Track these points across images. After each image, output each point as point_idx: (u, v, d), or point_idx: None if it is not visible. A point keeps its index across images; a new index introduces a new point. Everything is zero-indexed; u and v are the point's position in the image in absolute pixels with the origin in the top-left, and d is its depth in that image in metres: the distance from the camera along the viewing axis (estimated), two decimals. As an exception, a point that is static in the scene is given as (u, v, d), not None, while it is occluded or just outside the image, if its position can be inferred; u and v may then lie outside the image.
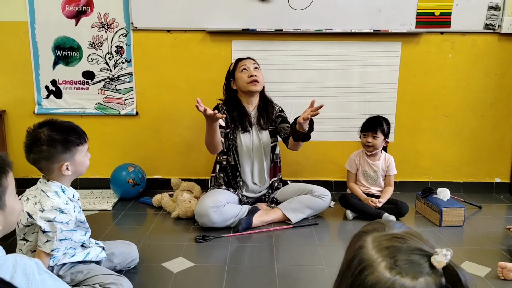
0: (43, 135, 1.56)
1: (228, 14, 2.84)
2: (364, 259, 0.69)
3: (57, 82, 2.98)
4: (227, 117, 2.53)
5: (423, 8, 2.83)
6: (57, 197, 1.61)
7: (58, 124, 1.62)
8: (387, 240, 0.70)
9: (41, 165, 1.60)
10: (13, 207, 1.12)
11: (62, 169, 1.60)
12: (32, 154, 1.58)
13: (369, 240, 0.72)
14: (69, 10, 2.87)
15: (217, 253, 2.13)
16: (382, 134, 2.56)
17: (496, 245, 2.22)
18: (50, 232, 1.57)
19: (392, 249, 0.68)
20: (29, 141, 1.58)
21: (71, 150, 1.61)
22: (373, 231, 0.74)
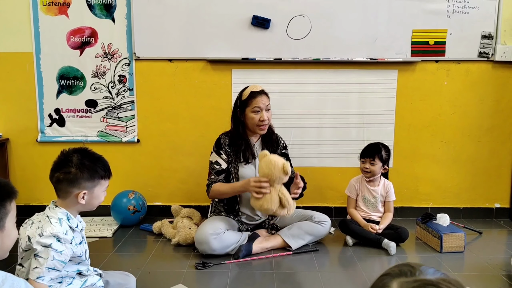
0: (75, 158, 1.61)
1: (228, 43, 2.92)
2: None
3: (61, 110, 3.04)
4: (227, 151, 2.53)
5: (417, 38, 2.91)
6: (59, 225, 1.62)
7: (91, 153, 1.68)
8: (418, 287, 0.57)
9: (61, 186, 1.62)
10: (10, 232, 1.18)
11: (79, 197, 1.62)
12: (58, 173, 1.61)
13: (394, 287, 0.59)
14: (74, 41, 2.96)
15: (217, 280, 2.12)
16: (380, 160, 2.59)
17: (497, 271, 2.21)
18: (41, 258, 1.56)
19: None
20: (60, 160, 1.63)
21: (95, 180, 1.64)
22: (400, 275, 0.61)
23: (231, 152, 2.51)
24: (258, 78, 2.94)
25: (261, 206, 2.28)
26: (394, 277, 0.61)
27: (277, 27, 2.89)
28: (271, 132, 2.63)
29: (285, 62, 2.95)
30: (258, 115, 2.47)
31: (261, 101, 2.47)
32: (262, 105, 2.46)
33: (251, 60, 2.92)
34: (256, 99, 2.47)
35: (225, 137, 2.55)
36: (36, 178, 3.09)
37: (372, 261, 2.36)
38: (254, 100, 2.47)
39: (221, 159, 2.50)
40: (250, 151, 2.53)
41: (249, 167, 2.53)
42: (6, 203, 1.16)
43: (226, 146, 2.52)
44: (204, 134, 3.01)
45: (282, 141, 2.69)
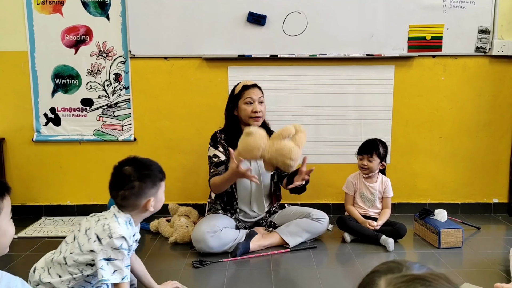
0: (132, 172, 1.61)
1: (224, 40, 2.90)
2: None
3: (56, 109, 3.02)
4: (224, 145, 2.52)
5: (414, 33, 2.90)
6: (125, 227, 1.63)
7: (141, 161, 1.69)
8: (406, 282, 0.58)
9: (129, 202, 1.63)
10: (5, 230, 1.15)
11: (148, 205, 1.64)
12: (122, 191, 1.61)
13: (382, 283, 0.59)
14: (69, 39, 2.94)
15: (215, 278, 2.12)
16: (378, 157, 2.58)
17: (495, 266, 2.21)
18: (117, 260, 1.58)
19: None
20: (119, 179, 1.63)
21: (157, 185, 1.67)
22: (388, 271, 0.62)
23: (227, 146, 2.50)
24: (255, 75, 2.93)
25: None
26: (382, 274, 0.61)
27: (273, 23, 2.87)
28: (266, 128, 2.61)
29: (281, 59, 2.94)
30: (250, 107, 2.46)
31: (254, 93, 2.47)
32: (255, 96, 2.47)
33: (247, 57, 2.91)
34: (248, 90, 2.48)
35: (221, 133, 2.55)
36: (32, 177, 3.07)
37: (370, 258, 2.35)
38: (246, 91, 2.48)
39: (219, 152, 2.50)
40: None
41: (245, 163, 2.51)
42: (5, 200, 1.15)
43: (222, 140, 2.52)
44: (201, 131, 2.99)
45: None
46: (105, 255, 1.57)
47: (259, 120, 2.50)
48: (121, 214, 1.65)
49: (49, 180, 3.07)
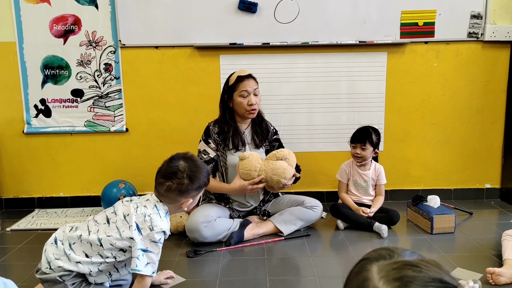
0: (185, 166, 1.67)
1: (215, 29, 2.87)
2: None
3: (46, 101, 2.98)
4: (216, 140, 2.51)
5: (406, 19, 2.88)
6: (166, 221, 1.68)
7: (196, 161, 1.74)
8: (398, 269, 0.58)
9: (172, 195, 1.68)
10: None
11: (184, 205, 1.71)
12: (170, 183, 1.66)
13: (374, 270, 0.60)
14: (57, 29, 2.89)
15: (209, 267, 2.12)
16: (371, 145, 2.58)
17: (487, 251, 2.22)
18: (152, 253, 1.63)
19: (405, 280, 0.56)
20: (173, 170, 1.67)
21: (200, 189, 1.74)
22: (379, 258, 0.62)
23: (220, 140, 2.49)
24: (247, 63, 2.90)
25: None
26: (373, 261, 0.61)
27: (265, 11, 2.84)
28: (261, 119, 2.60)
29: (273, 47, 2.91)
30: (246, 99, 2.44)
31: (249, 85, 2.44)
32: (250, 88, 2.43)
33: (239, 45, 2.88)
34: (243, 82, 2.44)
35: (214, 125, 2.52)
36: (24, 170, 3.04)
37: (364, 245, 2.36)
38: (241, 84, 2.44)
39: (209, 148, 2.49)
40: (240, 138, 2.50)
41: (238, 155, 2.50)
42: None
43: (215, 134, 2.50)
44: (193, 121, 2.97)
45: (271, 127, 2.66)
46: (143, 245, 1.61)
47: (254, 112, 2.48)
48: (161, 206, 1.69)
49: (41, 172, 3.05)
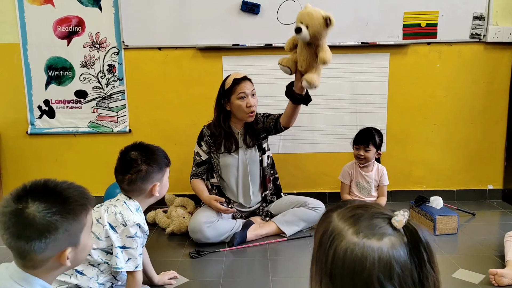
0: (139, 156, 1.64)
1: (218, 30, 2.88)
2: (332, 231, 0.74)
3: (50, 102, 3.00)
4: (208, 142, 2.52)
5: (409, 20, 2.88)
6: (139, 214, 1.66)
7: (148, 146, 1.72)
8: (350, 210, 0.77)
9: (135, 186, 1.65)
10: (85, 244, 1.10)
11: (154, 190, 1.67)
12: (129, 175, 1.64)
13: (334, 216, 0.77)
14: (61, 30, 2.91)
15: (212, 268, 2.13)
16: (374, 146, 2.58)
17: (490, 252, 2.23)
18: (131, 248, 1.60)
19: (356, 216, 0.75)
20: (126, 162, 1.65)
21: (163, 170, 1.70)
22: (337, 208, 0.79)
23: (212, 142, 2.50)
24: (249, 64, 2.91)
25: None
26: (333, 210, 0.79)
27: (267, 12, 2.85)
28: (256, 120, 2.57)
29: (276, 48, 2.91)
30: (244, 101, 2.44)
31: (246, 87, 2.44)
32: (247, 90, 2.44)
33: (242, 46, 2.89)
34: (240, 85, 2.44)
35: (207, 128, 2.55)
36: (28, 170, 3.06)
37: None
38: (238, 86, 2.44)
39: (201, 151, 2.53)
40: (234, 141, 2.51)
41: (232, 156, 2.51)
42: (82, 216, 1.06)
43: (207, 137, 2.52)
44: (196, 122, 2.98)
45: (259, 115, 2.60)
46: (121, 243, 1.60)
47: (253, 115, 2.48)
48: (131, 202, 1.67)
49: (45, 173, 3.06)
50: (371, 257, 0.68)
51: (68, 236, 1.02)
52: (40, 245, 0.98)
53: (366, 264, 0.68)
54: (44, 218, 0.98)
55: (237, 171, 2.54)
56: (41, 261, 1.01)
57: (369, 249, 0.69)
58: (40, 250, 0.99)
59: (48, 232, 0.98)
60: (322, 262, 0.74)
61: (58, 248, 1.02)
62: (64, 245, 1.02)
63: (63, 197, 1.03)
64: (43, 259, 1.01)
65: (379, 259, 0.68)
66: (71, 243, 1.04)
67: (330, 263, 0.72)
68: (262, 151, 2.61)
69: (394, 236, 0.71)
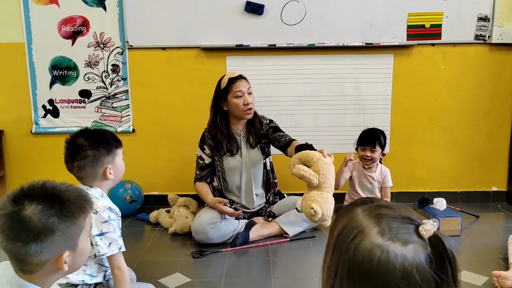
0: (84, 142, 1.62)
1: (221, 30, 2.88)
2: (356, 226, 0.72)
3: (54, 101, 3.01)
4: (210, 145, 2.52)
5: (413, 21, 2.87)
6: (105, 199, 1.64)
7: (94, 131, 1.71)
8: (376, 208, 0.74)
9: (85, 172, 1.63)
10: (83, 248, 1.08)
11: (106, 173, 1.64)
12: (77, 162, 1.61)
13: (359, 211, 0.75)
14: (65, 30, 2.92)
15: (214, 268, 2.13)
16: (380, 147, 2.57)
17: (493, 254, 2.21)
18: (109, 232, 1.58)
19: (381, 216, 0.72)
20: (72, 150, 1.63)
21: (113, 152, 1.67)
22: (362, 203, 0.78)
23: (214, 146, 2.50)
24: (253, 65, 2.91)
25: None
26: (358, 205, 0.77)
27: (271, 12, 2.85)
28: (254, 116, 2.57)
29: (279, 48, 2.92)
30: (241, 100, 2.43)
31: (242, 85, 2.44)
32: (244, 88, 2.44)
33: (245, 46, 2.89)
34: (236, 84, 2.44)
35: (208, 132, 2.54)
36: (32, 170, 3.07)
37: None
38: (234, 85, 2.44)
39: (204, 154, 2.52)
40: (235, 142, 2.51)
41: (234, 159, 2.51)
42: (80, 219, 1.03)
43: (209, 140, 2.51)
44: (199, 122, 2.98)
45: (265, 120, 2.62)
46: (98, 230, 1.56)
47: (251, 112, 2.47)
48: (92, 190, 1.63)
49: (49, 172, 3.07)
50: (393, 262, 0.66)
51: (66, 239, 1.00)
52: (36, 248, 0.96)
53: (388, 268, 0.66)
54: (41, 220, 0.96)
55: (241, 173, 2.54)
56: (37, 265, 0.99)
57: (392, 253, 0.66)
58: (37, 254, 0.97)
59: (45, 235, 0.96)
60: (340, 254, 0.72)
61: (55, 252, 0.99)
62: (61, 248, 1.00)
63: (61, 199, 1.00)
64: (39, 263, 0.99)
65: (401, 266, 0.66)
66: (69, 246, 1.02)
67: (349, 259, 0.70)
68: (266, 155, 2.62)
69: (418, 244, 0.68)
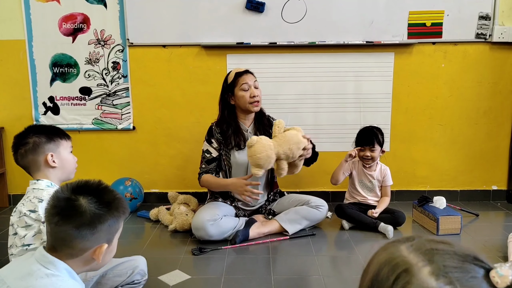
0: (27, 131, 1.68)
1: (222, 28, 2.88)
2: (399, 264, 0.56)
3: (55, 98, 3.01)
4: (218, 139, 2.52)
5: (414, 19, 2.87)
6: (52, 188, 1.63)
7: (41, 125, 1.77)
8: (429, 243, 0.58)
9: (28, 160, 1.65)
10: (114, 247, 1.21)
11: (48, 160, 1.65)
12: (20, 150, 1.66)
13: (403, 247, 0.58)
14: (66, 27, 2.92)
15: (214, 265, 2.13)
16: (379, 145, 2.58)
17: (493, 253, 2.22)
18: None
19: (435, 252, 0.55)
20: (16, 140, 1.69)
21: (54, 140, 1.69)
22: (407, 241, 0.61)
23: (222, 140, 2.50)
24: (253, 62, 2.91)
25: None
26: (401, 242, 0.61)
27: (272, 10, 2.85)
28: (262, 114, 2.60)
29: (280, 46, 2.92)
30: (248, 93, 2.45)
31: (248, 78, 2.47)
32: (250, 81, 2.46)
33: (246, 44, 2.89)
34: (242, 77, 2.47)
35: (217, 126, 2.54)
36: (32, 166, 3.07)
37: (369, 245, 2.36)
38: (240, 78, 2.47)
39: (212, 148, 2.52)
40: (242, 137, 2.51)
41: (242, 153, 2.51)
42: (120, 219, 1.19)
43: (217, 134, 2.51)
44: (200, 120, 2.99)
45: (272, 120, 2.63)
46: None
47: (258, 104, 2.49)
48: (39, 182, 1.64)
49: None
50: None
51: (109, 232, 1.14)
52: (87, 233, 1.09)
53: None
54: (94, 211, 1.10)
55: (247, 170, 2.54)
56: (80, 250, 1.11)
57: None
58: (85, 239, 1.09)
59: (98, 222, 1.10)
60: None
61: (97, 241, 1.12)
62: (103, 240, 1.13)
63: (112, 197, 1.16)
64: (83, 249, 1.11)
65: None
66: (108, 240, 1.15)
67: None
68: None
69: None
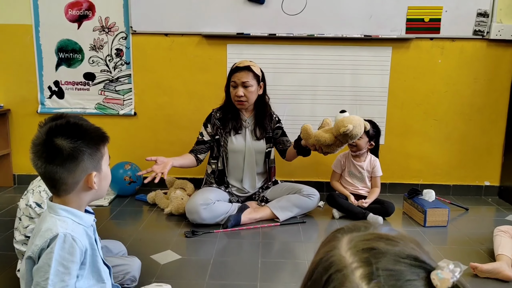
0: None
1: (223, 18, 2.94)
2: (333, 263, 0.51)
3: (60, 82, 3.10)
4: (215, 125, 2.60)
5: (413, 15, 2.91)
6: None
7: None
8: (369, 240, 0.52)
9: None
10: (106, 173, 1.33)
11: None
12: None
13: (344, 240, 0.54)
14: (72, 14, 3.00)
15: (205, 247, 2.22)
16: (366, 135, 2.63)
17: (476, 245, 2.28)
18: None
19: (374, 252, 0.50)
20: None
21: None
22: (353, 230, 0.56)
23: (220, 125, 2.58)
24: (253, 53, 2.97)
25: None
26: (346, 231, 0.56)
27: (272, 2, 2.90)
28: (265, 111, 2.63)
29: (279, 38, 2.97)
30: (234, 91, 2.52)
31: (237, 77, 2.50)
32: (238, 80, 2.50)
33: (246, 35, 2.95)
34: (235, 74, 2.52)
35: (217, 111, 2.62)
36: (37, 148, 3.17)
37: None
38: (233, 74, 2.53)
39: (205, 132, 2.62)
40: (240, 123, 2.59)
41: (238, 138, 2.59)
42: (100, 146, 1.29)
43: (216, 119, 2.59)
44: (199, 108, 3.06)
45: (274, 115, 2.73)
46: None
47: (242, 104, 2.54)
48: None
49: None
50: None
51: (92, 161, 1.24)
52: (71, 167, 1.20)
53: None
54: (71, 145, 1.20)
55: (244, 157, 2.62)
56: (72, 183, 1.23)
57: None
58: (72, 171, 1.21)
59: (78, 155, 1.21)
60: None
61: (85, 171, 1.24)
62: (90, 169, 1.25)
63: (83, 130, 1.25)
64: (74, 181, 1.23)
65: None
66: (96, 168, 1.26)
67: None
68: (270, 145, 2.69)
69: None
